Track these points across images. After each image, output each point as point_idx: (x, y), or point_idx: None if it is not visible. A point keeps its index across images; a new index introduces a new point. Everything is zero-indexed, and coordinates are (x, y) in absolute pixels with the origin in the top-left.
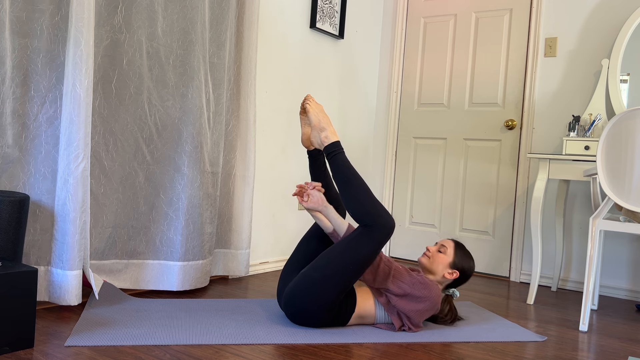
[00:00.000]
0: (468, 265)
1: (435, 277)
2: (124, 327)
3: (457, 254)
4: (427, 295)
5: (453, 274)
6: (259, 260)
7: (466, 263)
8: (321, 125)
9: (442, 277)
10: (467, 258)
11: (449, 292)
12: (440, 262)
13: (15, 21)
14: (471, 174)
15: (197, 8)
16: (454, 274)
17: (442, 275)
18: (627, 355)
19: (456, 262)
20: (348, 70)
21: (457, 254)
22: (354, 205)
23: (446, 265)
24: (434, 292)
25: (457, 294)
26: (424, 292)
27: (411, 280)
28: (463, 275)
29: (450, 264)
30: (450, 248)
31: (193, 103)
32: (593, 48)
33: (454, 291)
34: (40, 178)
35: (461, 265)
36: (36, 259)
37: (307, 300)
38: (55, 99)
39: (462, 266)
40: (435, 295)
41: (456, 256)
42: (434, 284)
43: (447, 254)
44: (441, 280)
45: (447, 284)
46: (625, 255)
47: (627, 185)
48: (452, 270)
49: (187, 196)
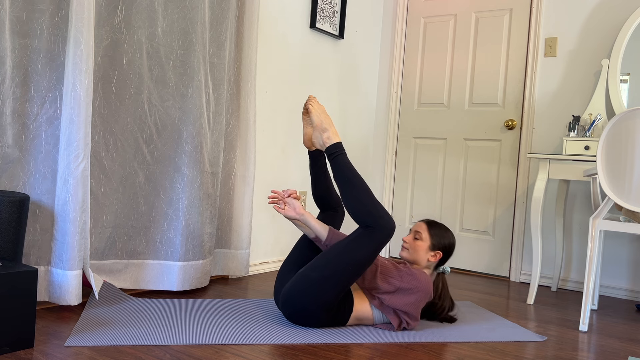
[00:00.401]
0: (447, 240)
1: (420, 265)
2: (124, 327)
3: (433, 234)
4: (417, 286)
5: (436, 255)
6: (259, 260)
7: (445, 239)
8: (323, 126)
9: (426, 262)
10: (444, 232)
11: (439, 270)
12: (419, 250)
13: (15, 21)
14: (471, 174)
15: (197, 8)
16: (437, 255)
17: (427, 260)
18: (627, 355)
19: (435, 242)
20: (348, 70)
21: (432, 235)
22: (354, 206)
23: (426, 249)
24: (423, 280)
25: (448, 269)
26: (414, 283)
27: (398, 274)
28: (446, 252)
29: (430, 247)
30: (424, 231)
31: (193, 103)
32: (593, 48)
33: (444, 268)
34: (40, 178)
35: (441, 243)
36: (36, 259)
37: (305, 300)
38: (55, 99)
39: (442, 244)
40: (426, 284)
41: (432, 237)
42: (422, 273)
43: (423, 238)
44: (427, 264)
45: (435, 265)
46: (625, 255)
47: (627, 185)
48: (434, 252)
49: (187, 196)
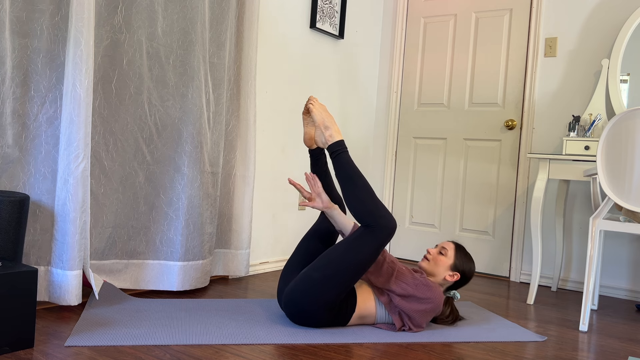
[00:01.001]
0: (469, 267)
1: (436, 279)
2: (124, 327)
3: (458, 256)
4: (430, 297)
5: (454, 276)
6: (259, 260)
7: (467, 265)
8: (325, 124)
9: (443, 279)
10: (468, 260)
11: (449, 294)
12: (441, 265)
13: (15, 21)
14: (471, 174)
15: (197, 8)
16: (455, 276)
17: (443, 278)
18: (627, 355)
19: (457, 264)
20: (348, 70)
21: (457, 256)
22: (356, 205)
23: (447, 267)
24: (437, 293)
25: (458, 295)
26: (427, 294)
27: (414, 282)
28: (464, 277)
29: (451, 266)
30: (451, 250)
31: (193, 103)
32: (593, 48)
33: (454, 293)
34: (40, 178)
35: (462, 267)
36: (36, 259)
37: (307, 300)
38: (55, 99)
39: (463, 268)
40: (438, 297)
41: (457, 258)
42: (437, 286)
43: (447, 256)
44: (442, 282)
45: (447, 286)
46: (625, 255)
47: (627, 185)
48: (453, 272)
49: (187, 196)
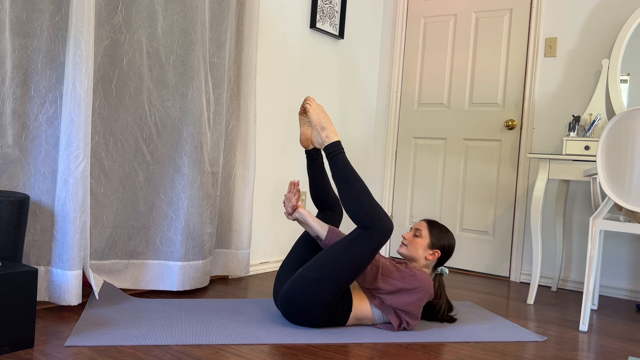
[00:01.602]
0: (447, 241)
1: (418, 263)
2: (124, 327)
3: (433, 233)
4: (418, 286)
5: (434, 253)
6: (259, 260)
7: (445, 240)
8: (322, 124)
9: (425, 260)
10: (444, 233)
11: (437, 271)
12: (419, 247)
13: (15, 21)
14: (471, 174)
15: (197, 8)
16: (435, 253)
17: (425, 258)
18: (627, 355)
19: (434, 241)
20: (348, 70)
21: (432, 234)
22: (353, 206)
23: (425, 247)
24: (424, 280)
25: (446, 271)
26: (415, 283)
27: (400, 275)
28: (445, 252)
29: (429, 245)
30: (425, 229)
31: (193, 103)
32: (593, 48)
33: (442, 269)
34: (40, 178)
35: (440, 243)
36: (36, 259)
37: (303, 300)
38: (55, 99)
39: (442, 244)
40: (427, 283)
41: (432, 236)
42: (423, 273)
43: (422, 236)
44: (425, 263)
45: (433, 265)
46: (625, 255)
47: (627, 185)
48: (433, 250)
49: (187, 196)
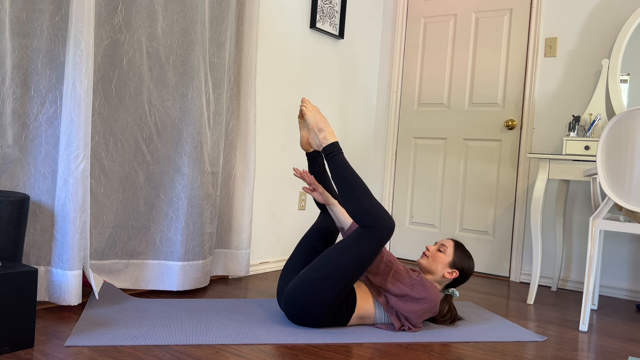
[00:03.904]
0: (468, 265)
1: (434, 276)
2: (124, 327)
3: (457, 253)
4: (425, 297)
5: (453, 273)
6: (259, 260)
7: (466, 263)
8: (319, 126)
9: (441, 276)
10: (467, 258)
11: (448, 291)
12: (439, 262)
13: (15, 21)
14: (471, 174)
15: (197, 8)
16: (453, 273)
17: (442, 275)
18: (627, 355)
19: (456, 261)
20: (348, 70)
21: (456, 254)
22: (353, 205)
23: (446, 264)
24: (432, 293)
25: (457, 293)
26: (423, 294)
27: (410, 282)
28: (462, 275)
29: (450, 264)
30: (450, 247)
31: (193, 103)
32: (593, 48)
33: (453, 291)
34: (40, 178)
35: (461, 264)
36: (36, 259)
37: (307, 300)
38: (55, 99)
39: (462, 266)
40: (434, 297)
41: (456, 256)
42: (433, 286)
43: (446, 253)
44: (441, 279)
45: (446, 284)
46: (625, 255)
47: (627, 185)
48: (452, 269)
49: (187, 196)
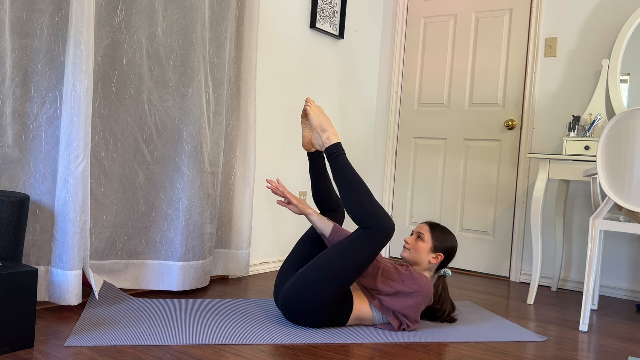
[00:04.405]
0: (450, 243)
1: (421, 266)
2: (124, 327)
3: (435, 236)
4: (417, 290)
5: (438, 257)
6: (259, 260)
7: (447, 242)
8: (322, 127)
9: (428, 263)
10: (447, 235)
11: (440, 273)
12: (421, 250)
13: (15, 21)
14: (471, 174)
15: (197, 8)
16: (438, 257)
17: (428, 262)
18: (627, 355)
19: (437, 244)
20: (348, 70)
21: (435, 237)
22: (354, 206)
23: (428, 250)
24: (423, 284)
25: (449, 273)
26: (414, 287)
27: (400, 277)
28: (447, 255)
29: (432, 249)
30: (427, 233)
31: (193, 103)
32: (593, 48)
33: (445, 271)
34: (40, 178)
35: (443, 245)
36: (36, 259)
37: (304, 300)
38: (55, 99)
39: (445, 246)
40: (426, 288)
41: (435, 239)
42: (423, 276)
43: (425, 240)
44: (428, 266)
45: (435, 268)
46: (625, 255)
47: (627, 185)
48: (436, 254)
49: (187, 196)
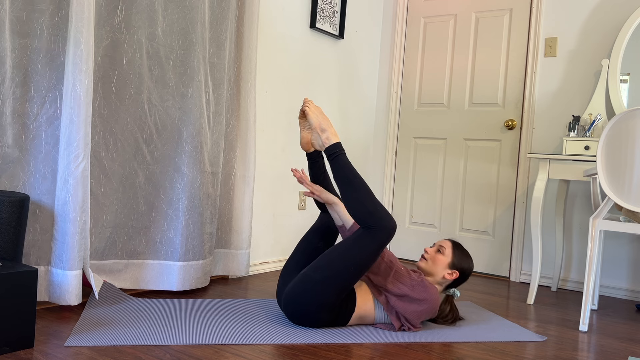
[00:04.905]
0: (467, 264)
1: (435, 278)
2: (124, 327)
3: (456, 254)
4: (425, 298)
5: (453, 274)
6: (259, 260)
7: (465, 263)
8: (322, 127)
9: (442, 278)
10: (466, 257)
11: (449, 292)
12: (439, 264)
13: (15, 21)
14: (471, 174)
15: (197, 8)
16: (453, 274)
17: (442, 276)
18: (627, 355)
19: (455, 262)
20: (348, 70)
21: (455, 254)
22: (355, 206)
23: (445, 266)
24: (432, 294)
25: (458, 293)
26: (423, 295)
27: (410, 282)
28: (463, 275)
29: (449, 265)
30: (449, 248)
31: (193, 103)
32: (593, 48)
33: (454, 291)
34: (40, 178)
35: (460, 265)
36: (36, 259)
37: (307, 301)
38: (55, 99)
39: (462, 266)
40: (434, 298)
41: (455, 256)
42: (433, 287)
43: (445, 254)
44: (441, 281)
45: (447, 285)
46: (625, 255)
47: (627, 185)
48: (452, 270)
49: (187, 196)
